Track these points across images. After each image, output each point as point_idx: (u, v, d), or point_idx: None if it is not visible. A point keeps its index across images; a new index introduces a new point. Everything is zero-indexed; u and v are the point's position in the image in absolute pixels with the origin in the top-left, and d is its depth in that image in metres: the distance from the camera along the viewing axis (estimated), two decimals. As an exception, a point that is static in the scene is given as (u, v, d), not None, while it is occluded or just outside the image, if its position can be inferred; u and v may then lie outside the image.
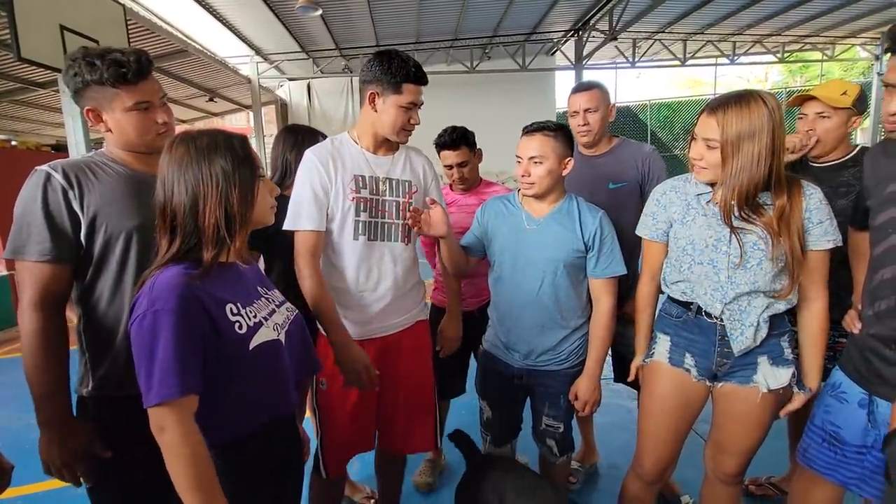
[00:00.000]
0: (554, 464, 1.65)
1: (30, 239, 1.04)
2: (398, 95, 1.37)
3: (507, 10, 8.04)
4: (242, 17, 7.40)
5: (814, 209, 1.23)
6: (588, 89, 1.81)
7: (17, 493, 2.20)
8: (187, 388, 0.83)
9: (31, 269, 1.05)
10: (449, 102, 9.72)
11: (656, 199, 1.42)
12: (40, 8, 3.34)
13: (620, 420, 2.61)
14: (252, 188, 0.96)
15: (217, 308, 0.90)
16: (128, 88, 1.09)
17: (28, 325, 1.04)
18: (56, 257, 1.05)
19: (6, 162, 5.36)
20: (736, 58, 10.65)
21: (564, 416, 1.59)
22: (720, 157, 1.20)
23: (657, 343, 1.43)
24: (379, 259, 1.46)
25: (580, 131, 1.82)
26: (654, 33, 9.76)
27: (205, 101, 10.43)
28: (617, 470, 2.19)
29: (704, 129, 1.22)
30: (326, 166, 1.40)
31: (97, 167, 1.12)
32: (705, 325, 1.32)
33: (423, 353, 1.62)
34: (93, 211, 1.07)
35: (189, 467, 0.83)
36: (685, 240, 1.33)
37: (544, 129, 1.45)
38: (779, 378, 1.29)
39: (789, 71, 16.39)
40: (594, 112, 1.79)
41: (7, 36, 4.85)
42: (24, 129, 10.27)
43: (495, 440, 1.69)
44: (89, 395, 1.13)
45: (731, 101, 1.18)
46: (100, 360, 1.12)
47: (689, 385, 1.36)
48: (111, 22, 4.08)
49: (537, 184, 1.45)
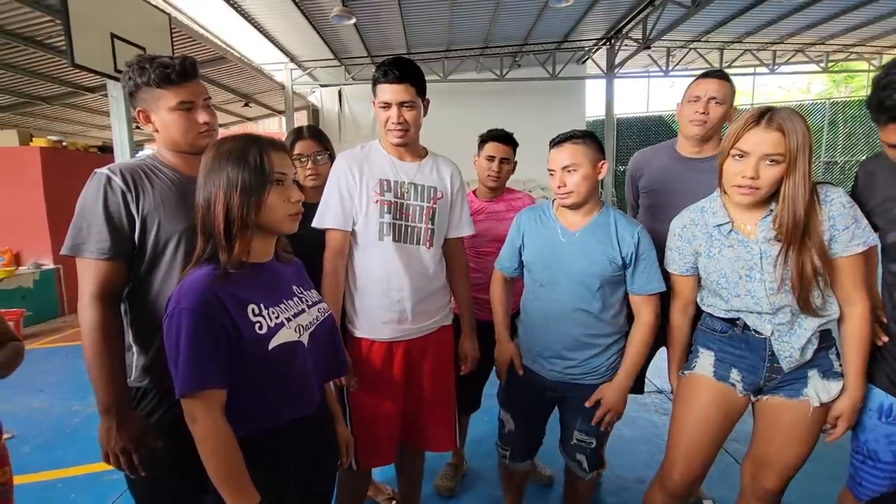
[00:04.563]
0: (582, 479, 1.60)
1: (90, 238, 1.10)
2: (376, 97, 1.46)
3: (538, 19, 8.03)
4: (278, 25, 7.64)
5: (836, 215, 1.17)
6: (722, 78, 1.60)
7: (56, 476, 2.30)
8: (206, 382, 0.87)
9: (90, 266, 1.10)
10: (477, 110, 9.79)
11: (678, 234, 1.37)
12: (93, 18, 3.53)
13: (646, 434, 2.54)
14: (258, 194, 0.95)
15: (238, 308, 0.93)
16: (172, 89, 1.16)
17: (88, 318, 1.09)
18: (114, 255, 1.11)
19: (58, 162, 5.68)
20: (776, 67, 10.31)
21: (598, 432, 1.53)
22: (781, 174, 1.13)
23: (699, 357, 1.37)
24: (403, 260, 1.49)
25: (695, 119, 1.59)
26: (690, 42, 9.56)
27: (240, 106, 10.81)
28: (644, 485, 2.13)
29: (766, 145, 1.13)
30: (352, 170, 1.48)
31: (150, 171, 1.18)
32: (753, 340, 1.27)
33: (447, 358, 1.65)
34: (146, 213, 1.13)
35: (217, 457, 0.87)
36: (716, 273, 1.29)
37: (571, 138, 1.43)
38: (830, 391, 1.24)
39: (833, 81, 15.75)
40: (720, 104, 1.57)
41: (61, 43, 5.19)
42: (73, 130, 10.84)
43: (516, 455, 1.64)
44: (132, 385, 1.18)
45: (787, 114, 1.14)
46: (144, 354, 1.18)
47: (732, 399, 1.32)
48: (157, 30, 4.29)
49: (575, 192, 1.41)
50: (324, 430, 1.14)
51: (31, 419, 2.93)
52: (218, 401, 0.89)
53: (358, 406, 1.52)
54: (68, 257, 1.12)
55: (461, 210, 1.63)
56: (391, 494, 2.06)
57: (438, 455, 1.81)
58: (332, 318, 1.15)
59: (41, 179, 5.43)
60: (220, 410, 0.89)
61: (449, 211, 1.59)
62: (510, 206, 2.00)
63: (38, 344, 4.59)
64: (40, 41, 6.18)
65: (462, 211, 1.63)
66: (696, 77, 1.65)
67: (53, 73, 7.45)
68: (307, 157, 1.72)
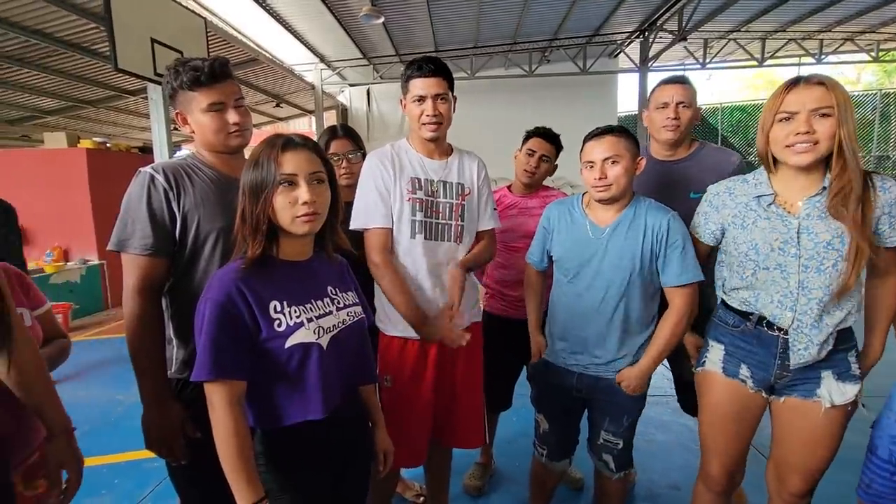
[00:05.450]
0: (610, 479, 1.58)
1: (134, 234, 1.14)
2: (409, 92, 1.47)
3: (569, 12, 7.89)
4: (309, 25, 7.78)
5: (893, 204, 1.15)
6: (683, 82, 1.66)
7: (101, 462, 2.41)
8: (221, 372, 0.89)
9: (134, 261, 1.15)
10: (505, 106, 9.71)
11: (709, 200, 1.37)
12: (134, 23, 3.67)
13: (681, 438, 2.47)
14: (263, 195, 0.95)
15: (260, 304, 0.94)
16: (203, 91, 1.18)
17: (131, 310, 1.14)
18: (156, 251, 1.15)
19: (102, 162, 5.94)
20: (823, 57, 9.79)
21: (625, 433, 1.52)
22: (835, 128, 1.10)
23: (709, 351, 1.37)
24: (435, 258, 1.50)
25: (667, 125, 1.63)
26: (729, 32, 9.19)
27: (272, 106, 11.07)
28: (678, 491, 2.07)
29: (813, 100, 1.11)
30: (387, 168, 1.48)
31: (191, 170, 1.22)
32: (766, 337, 1.26)
33: (476, 355, 1.65)
34: (187, 211, 1.17)
35: (227, 445, 0.89)
36: (747, 244, 1.25)
37: (612, 131, 1.40)
38: (845, 393, 1.22)
39: (885, 71, 14.85)
40: (687, 108, 1.62)
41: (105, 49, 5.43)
42: (116, 132, 11.35)
43: (552, 454, 1.64)
44: (173, 377, 1.22)
45: (821, 75, 1.14)
46: (183, 347, 1.22)
47: (745, 395, 1.31)
48: (193, 33, 4.43)
49: (615, 184, 1.37)
50: (351, 436, 1.11)
51: (76, 408, 3.08)
52: (234, 391, 0.91)
53: (391, 406, 1.52)
54: (112, 253, 1.17)
55: (486, 202, 1.62)
56: (419, 491, 2.06)
57: (466, 453, 1.80)
58: (363, 324, 1.13)
59: (87, 179, 5.69)
60: (235, 400, 0.91)
61: (476, 205, 1.59)
62: (544, 202, 1.97)
63: (84, 336, 4.83)
64: (86, 47, 6.49)
65: (487, 203, 1.62)
66: (657, 84, 1.71)
67: (98, 78, 7.81)
68: (341, 156, 1.73)
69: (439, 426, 1.62)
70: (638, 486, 2.12)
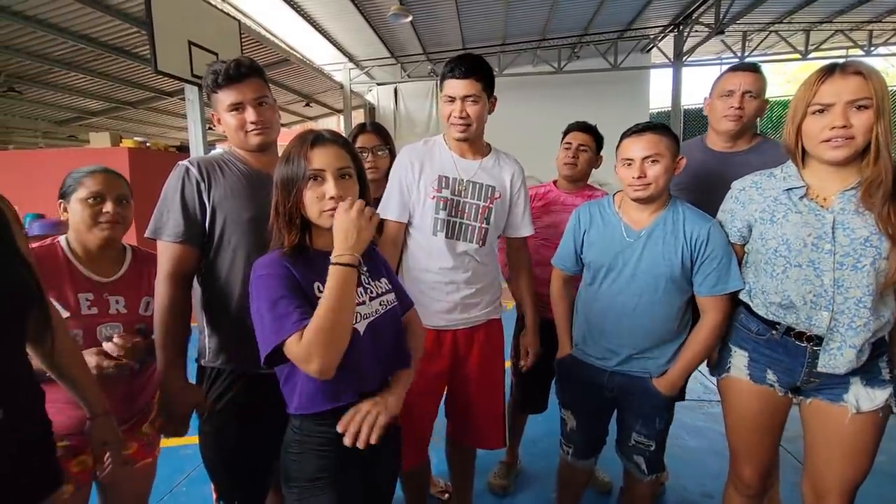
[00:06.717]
0: (641, 482, 1.54)
1: (168, 222, 1.20)
2: (443, 91, 1.49)
3: (600, 7, 7.72)
4: (338, 25, 7.88)
5: None
6: (755, 70, 1.55)
7: (139, 449, 2.50)
8: (285, 332, 0.89)
9: (167, 248, 1.20)
10: (534, 104, 9.57)
11: (735, 196, 1.31)
12: (173, 26, 3.80)
13: (714, 445, 2.38)
14: (293, 189, 0.98)
15: (306, 281, 0.96)
16: (224, 92, 1.23)
17: (162, 295, 1.19)
18: (187, 239, 1.20)
19: (142, 160, 6.18)
20: (873, 49, 9.25)
21: (657, 435, 1.48)
22: (872, 121, 1.03)
23: (732, 357, 1.33)
24: (454, 257, 1.50)
25: (729, 115, 1.53)
26: (770, 24, 8.79)
27: (302, 105, 11.29)
28: (711, 500, 2.00)
29: (849, 91, 1.04)
30: (413, 164, 1.51)
31: (224, 164, 1.27)
32: (793, 347, 1.21)
33: (496, 352, 1.64)
34: (217, 202, 1.22)
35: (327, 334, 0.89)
36: (777, 240, 1.19)
37: (652, 128, 1.35)
38: (874, 399, 1.17)
39: (940, 61, 13.94)
40: (754, 98, 1.52)
41: (145, 52, 5.67)
42: (155, 132, 11.83)
43: (578, 452, 1.61)
44: (206, 366, 1.27)
45: (858, 61, 1.09)
46: (216, 335, 1.26)
47: (774, 399, 1.28)
48: (228, 36, 4.56)
49: (654, 184, 1.32)
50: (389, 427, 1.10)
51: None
52: None
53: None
54: (149, 240, 1.23)
55: (523, 210, 1.61)
56: (444, 487, 2.07)
57: (491, 451, 1.78)
58: (396, 312, 1.14)
59: (129, 176, 5.92)
60: None
61: (508, 211, 1.58)
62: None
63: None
64: (128, 50, 6.78)
65: (524, 211, 1.61)
66: (724, 70, 1.60)
67: (139, 80, 8.15)
68: (367, 150, 1.76)
69: (457, 424, 1.62)
70: (669, 492, 2.06)
